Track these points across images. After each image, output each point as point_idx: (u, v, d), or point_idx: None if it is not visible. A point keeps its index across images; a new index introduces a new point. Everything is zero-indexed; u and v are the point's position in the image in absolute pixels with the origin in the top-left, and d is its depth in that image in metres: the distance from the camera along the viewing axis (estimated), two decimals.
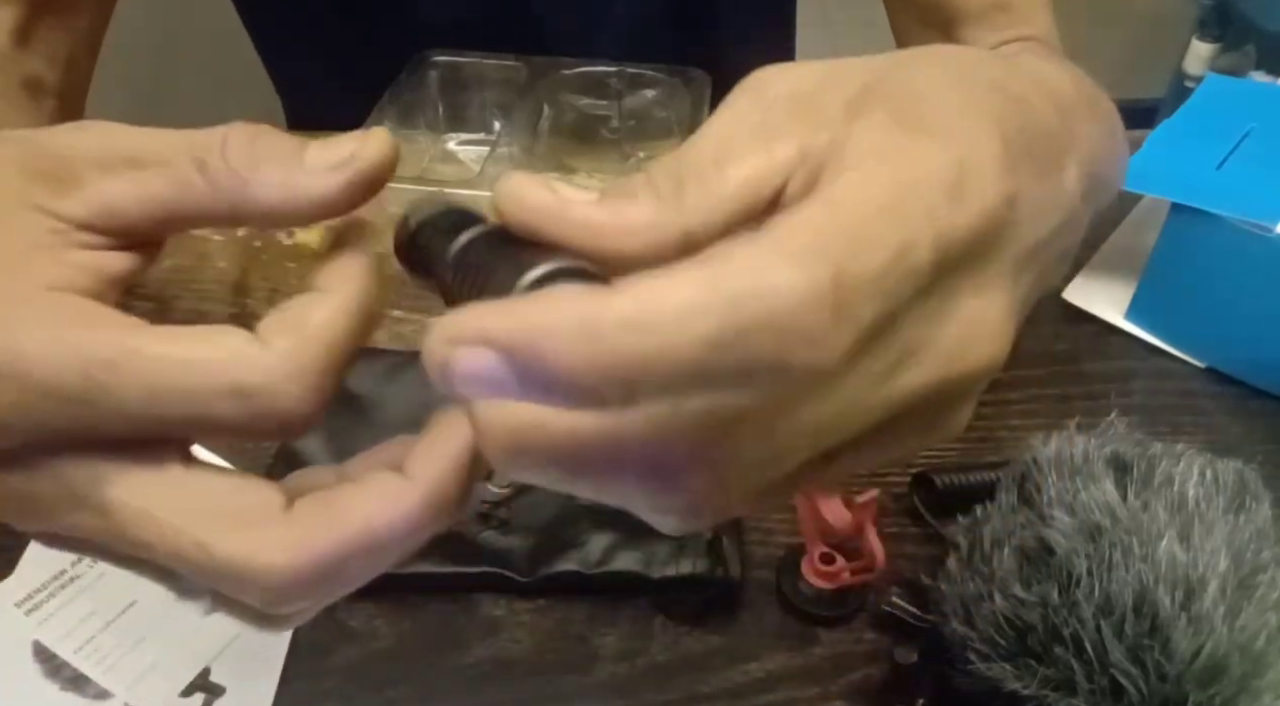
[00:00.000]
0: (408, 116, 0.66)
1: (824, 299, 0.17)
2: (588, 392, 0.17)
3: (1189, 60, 1.75)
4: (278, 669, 0.42)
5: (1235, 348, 0.56)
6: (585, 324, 0.17)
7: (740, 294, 0.17)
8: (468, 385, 0.18)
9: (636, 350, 0.17)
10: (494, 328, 0.17)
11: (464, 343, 0.17)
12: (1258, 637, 0.35)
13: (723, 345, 0.17)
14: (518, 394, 0.18)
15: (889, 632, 0.44)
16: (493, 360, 0.17)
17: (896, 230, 0.19)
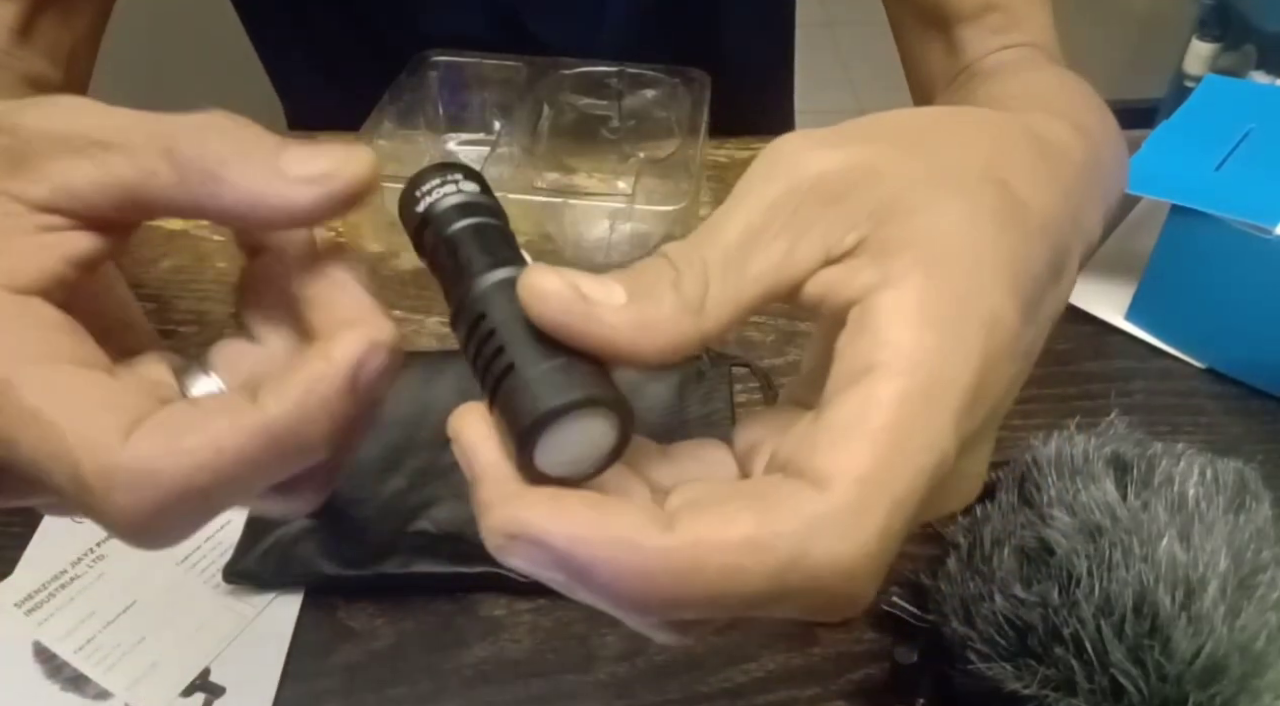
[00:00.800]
0: (408, 116, 0.66)
1: (870, 567, 0.19)
2: (625, 605, 0.19)
3: (1189, 60, 1.75)
4: (278, 669, 0.42)
5: (1235, 348, 0.56)
6: (637, 557, 0.19)
7: (789, 557, 0.18)
8: (518, 566, 0.20)
9: (682, 593, 0.19)
10: (551, 533, 0.19)
11: (521, 538, 0.19)
12: (1258, 637, 0.35)
13: (766, 599, 0.19)
14: (563, 588, 0.20)
15: (889, 632, 0.44)
16: (543, 559, 0.19)
17: (930, 456, 0.20)
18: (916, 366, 0.20)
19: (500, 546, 0.20)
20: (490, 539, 0.20)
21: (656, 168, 0.65)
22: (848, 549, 0.19)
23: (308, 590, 0.45)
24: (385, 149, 0.61)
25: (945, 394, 0.20)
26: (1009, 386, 0.22)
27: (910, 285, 0.22)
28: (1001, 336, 0.22)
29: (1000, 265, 0.23)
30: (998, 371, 0.22)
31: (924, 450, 0.20)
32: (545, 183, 0.66)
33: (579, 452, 0.21)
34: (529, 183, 0.60)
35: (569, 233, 0.58)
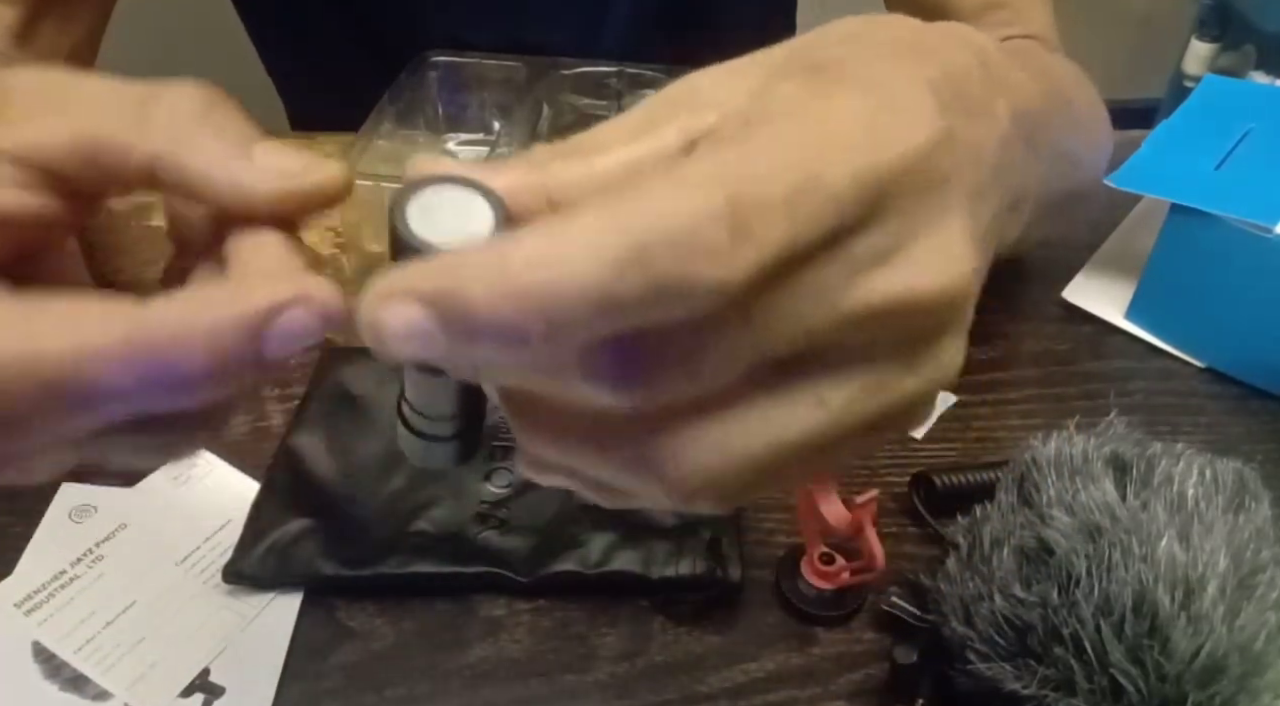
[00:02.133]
0: (408, 116, 0.66)
1: (719, 217, 0.18)
2: (509, 333, 0.17)
3: (1188, 60, 1.75)
4: (278, 669, 0.42)
5: (1235, 348, 0.56)
6: (497, 265, 0.17)
7: (639, 219, 0.17)
8: (400, 343, 0.18)
9: (546, 281, 0.17)
10: (416, 281, 0.18)
11: (391, 298, 0.18)
12: (1257, 637, 0.35)
13: (626, 267, 0.17)
14: (445, 347, 0.18)
15: (889, 632, 0.44)
16: (418, 312, 0.18)
17: (803, 161, 0.19)
18: (797, 115, 0.20)
19: (372, 323, 0.18)
20: (363, 324, 0.18)
21: None
22: (690, 196, 0.18)
23: (307, 590, 0.45)
24: (385, 149, 0.61)
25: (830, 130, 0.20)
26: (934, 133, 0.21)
27: (791, 95, 0.21)
28: (905, 96, 0.21)
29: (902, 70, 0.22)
30: (903, 119, 0.21)
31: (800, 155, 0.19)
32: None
33: (453, 226, 0.21)
34: None
35: None
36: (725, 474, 0.21)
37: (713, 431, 0.20)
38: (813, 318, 0.20)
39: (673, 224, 0.17)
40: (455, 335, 0.18)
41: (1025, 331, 0.59)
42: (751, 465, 0.21)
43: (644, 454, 0.21)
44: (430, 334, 0.18)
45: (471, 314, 0.17)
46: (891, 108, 0.21)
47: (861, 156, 0.20)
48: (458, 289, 0.17)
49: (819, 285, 0.20)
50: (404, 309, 0.18)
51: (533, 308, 0.17)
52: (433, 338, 0.18)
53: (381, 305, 0.18)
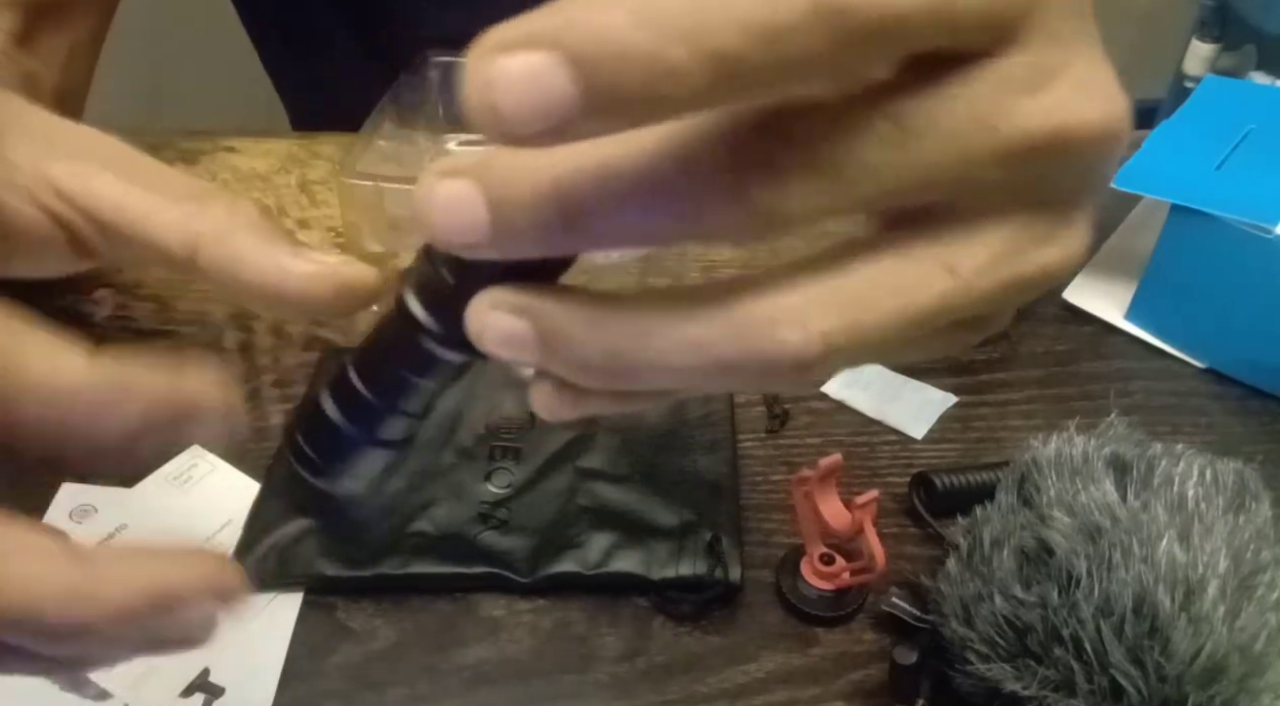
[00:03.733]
0: (408, 116, 0.66)
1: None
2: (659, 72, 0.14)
3: (1188, 61, 1.75)
4: (278, 669, 0.42)
5: (1235, 348, 0.56)
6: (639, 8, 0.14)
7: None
8: (529, 110, 0.14)
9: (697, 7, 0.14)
10: (537, 24, 0.14)
11: (513, 48, 0.14)
12: (1257, 638, 0.35)
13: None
14: (582, 106, 0.14)
15: (889, 633, 0.44)
16: (547, 59, 0.14)
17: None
18: None
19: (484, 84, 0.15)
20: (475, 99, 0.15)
21: None
22: None
23: (307, 590, 0.45)
24: (385, 149, 0.61)
25: None
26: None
27: None
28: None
29: None
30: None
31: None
32: None
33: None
34: None
35: None
36: (851, 337, 0.18)
37: (840, 287, 0.18)
38: (968, 140, 0.17)
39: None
40: (595, 97, 0.14)
41: (1025, 332, 0.59)
42: (878, 329, 0.19)
43: (761, 313, 0.18)
44: (562, 100, 0.14)
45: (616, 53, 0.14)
46: None
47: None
48: (596, 21, 0.14)
49: (974, 99, 0.17)
50: (530, 61, 0.14)
51: (687, 38, 0.14)
52: (564, 106, 0.14)
53: (499, 56, 0.14)
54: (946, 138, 0.17)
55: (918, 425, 0.53)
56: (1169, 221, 0.55)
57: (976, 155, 0.18)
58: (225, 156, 0.71)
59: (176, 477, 0.49)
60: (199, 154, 0.71)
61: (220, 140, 0.72)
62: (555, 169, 0.17)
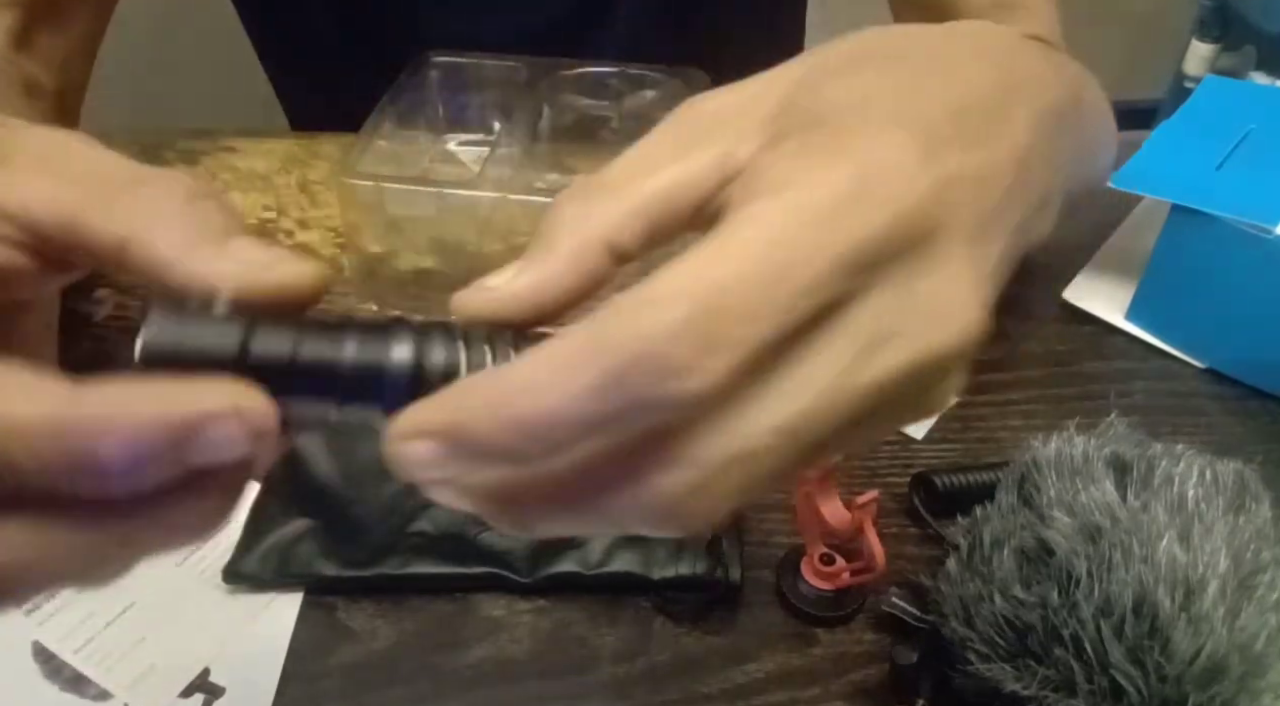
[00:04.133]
0: (408, 116, 0.65)
1: (683, 334, 0.19)
2: (512, 454, 0.20)
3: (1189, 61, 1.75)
4: (278, 669, 0.42)
5: (1235, 348, 0.56)
6: (493, 398, 0.19)
7: (614, 342, 0.19)
8: (421, 470, 0.20)
9: (535, 409, 0.19)
10: (425, 421, 0.20)
11: (406, 438, 0.20)
12: (1257, 638, 0.35)
13: (605, 389, 0.19)
14: (460, 469, 0.20)
15: (889, 633, 0.44)
16: (430, 447, 0.20)
17: (781, 250, 0.20)
18: (780, 193, 0.21)
19: (394, 458, 0.20)
20: (387, 457, 0.21)
21: None
22: (656, 317, 0.19)
23: (307, 590, 0.45)
24: (385, 149, 0.61)
25: (811, 210, 0.21)
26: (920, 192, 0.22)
27: (786, 160, 0.22)
28: (890, 156, 0.22)
29: (898, 116, 0.23)
30: (888, 182, 0.22)
31: (775, 249, 0.20)
32: (545, 183, 0.66)
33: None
34: (529, 183, 0.60)
35: None
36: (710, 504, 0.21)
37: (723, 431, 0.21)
38: (829, 387, 0.21)
39: (642, 347, 0.19)
40: (465, 461, 0.20)
41: (1025, 332, 0.59)
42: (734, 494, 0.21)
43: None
44: (445, 461, 0.20)
45: (475, 443, 0.20)
46: (873, 174, 0.22)
47: (843, 235, 0.21)
48: (461, 425, 0.20)
49: (828, 360, 0.21)
50: (418, 446, 0.20)
51: (527, 433, 0.19)
52: (446, 465, 0.20)
53: (402, 443, 0.20)
54: (810, 402, 0.21)
55: (918, 425, 0.53)
56: (1169, 221, 0.55)
57: (841, 406, 0.21)
58: (225, 156, 0.71)
59: None
60: (199, 154, 0.71)
61: (220, 140, 0.72)
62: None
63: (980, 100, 0.26)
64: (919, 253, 0.22)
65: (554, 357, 0.19)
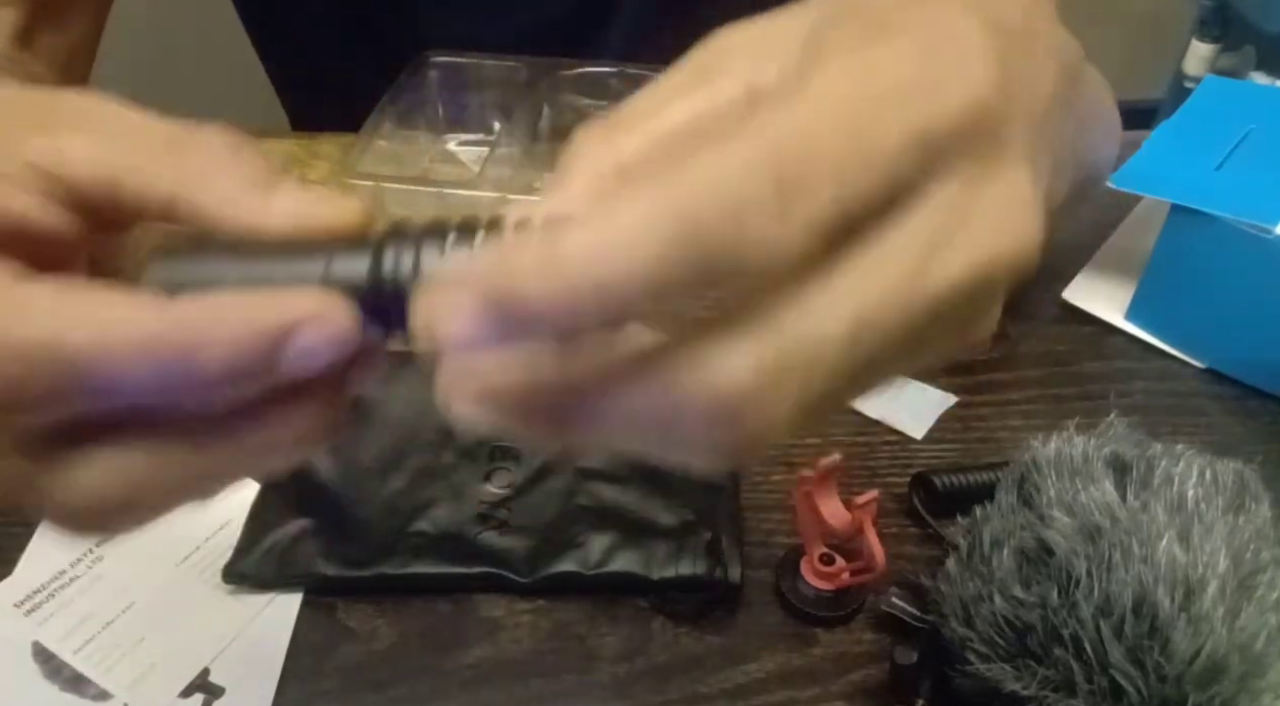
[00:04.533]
0: (408, 116, 0.66)
1: (766, 180, 0.17)
2: (566, 323, 0.17)
3: (1188, 61, 1.75)
4: (278, 669, 0.42)
5: (1235, 348, 0.56)
6: (548, 257, 0.17)
7: (687, 191, 0.17)
8: (456, 342, 0.17)
9: (599, 269, 0.17)
10: (470, 278, 0.17)
11: (445, 298, 0.17)
12: (1257, 638, 0.35)
13: (678, 244, 0.17)
14: (504, 341, 0.18)
15: (889, 633, 0.44)
16: (473, 311, 0.17)
17: (853, 119, 0.18)
18: (845, 72, 0.19)
19: (426, 323, 0.18)
20: (417, 321, 0.18)
21: None
22: (742, 168, 0.17)
23: (307, 590, 0.45)
24: (385, 149, 0.61)
25: (881, 84, 0.19)
26: (992, 81, 0.20)
27: (843, 34, 0.21)
28: (958, 41, 0.20)
29: (950, 10, 0.21)
30: (960, 64, 0.20)
31: (846, 116, 0.18)
32: (545, 183, 0.66)
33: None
34: (529, 183, 0.60)
35: None
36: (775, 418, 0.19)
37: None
38: (900, 295, 0.19)
39: (720, 192, 0.17)
40: (512, 330, 0.17)
41: (1025, 332, 0.59)
42: (801, 412, 0.19)
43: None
44: (487, 332, 0.17)
45: (527, 308, 0.17)
46: (945, 55, 0.20)
47: (914, 113, 0.19)
48: (512, 285, 0.17)
49: (899, 251, 0.19)
50: (460, 308, 0.17)
51: (588, 297, 0.17)
52: (489, 335, 0.17)
53: (436, 304, 0.18)
54: (880, 296, 0.19)
55: (918, 425, 0.53)
56: (1169, 221, 0.55)
57: (909, 307, 0.19)
58: None
59: None
60: None
61: None
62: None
63: (1024, 21, 0.24)
64: (986, 150, 0.20)
65: (617, 211, 0.17)
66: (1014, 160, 0.21)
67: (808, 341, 0.18)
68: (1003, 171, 0.20)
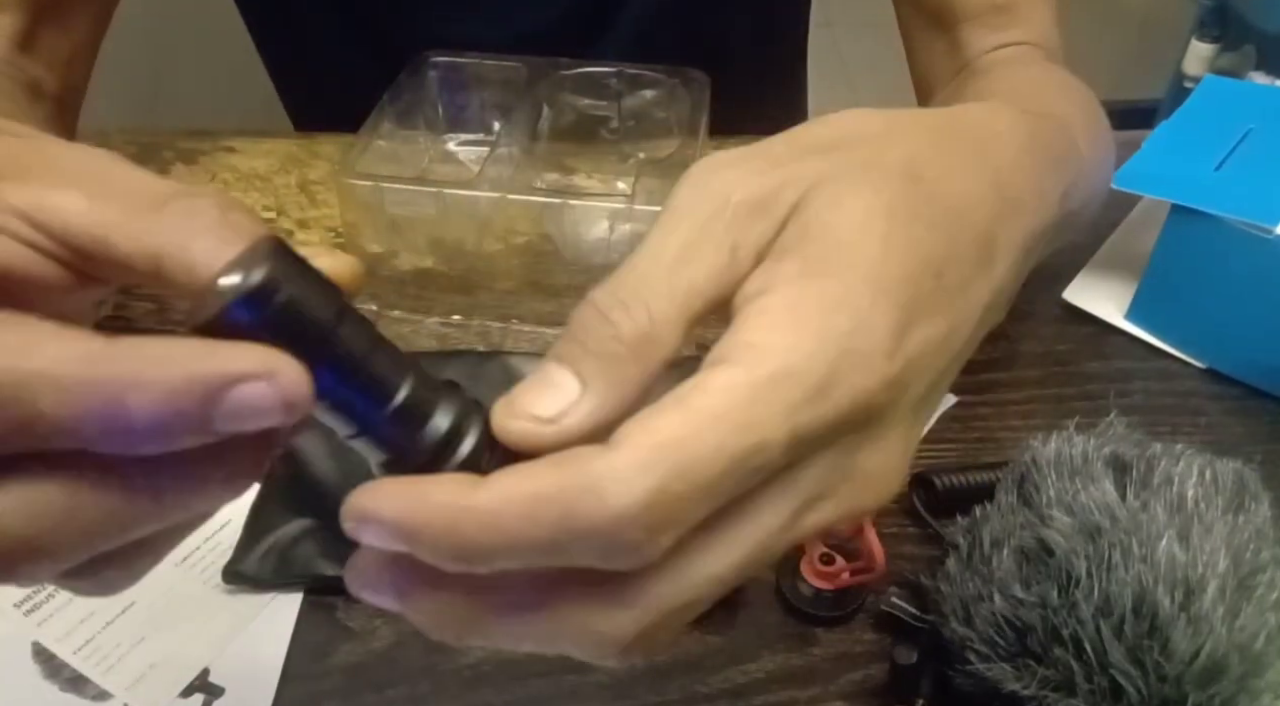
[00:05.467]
0: (408, 116, 0.66)
1: (643, 518, 0.20)
2: (456, 563, 0.21)
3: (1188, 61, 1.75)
4: (278, 669, 0.42)
5: (1235, 348, 0.56)
6: (450, 520, 0.21)
7: (572, 508, 0.20)
8: (375, 543, 0.22)
9: (486, 543, 0.20)
10: (384, 512, 0.22)
11: (362, 520, 0.22)
12: (1257, 638, 0.35)
13: (554, 548, 0.20)
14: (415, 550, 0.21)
15: (889, 633, 0.44)
16: (384, 537, 0.22)
17: (741, 437, 0.21)
18: (757, 361, 0.22)
19: (351, 530, 0.22)
20: (345, 525, 0.22)
21: (656, 168, 0.65)
22: (616, 500, 0.20)
23: (307, 590, 0.45)
24: (385, 149, 0.61)
25: (780, 387, 0.22)
26: (885, 380, 0.23)
27: (781, 291, 0.23)
28: (865, 338, 0.23)
29: (888, 264, 0.24)
30: (857, 367, 0.23)
31: (736, 430, 0.21)
32: (545, 183, 0.66)
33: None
34: (529, 183, 0.60)
35: (568, 233, 0.58)
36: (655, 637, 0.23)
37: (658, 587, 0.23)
38: (765, 540, 0.23)
39: (595, 521, 0.20)
40: (417, 549, 0.21)
41: (1025, 332, 0.59)
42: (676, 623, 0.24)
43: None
44: (390, 543, 0.22)
45: (424, 550, 0.21)
46: (851, 355, 0.23)
47: (806, 416, 0.22)
48: (415, 532, 0.21)
49: (768, 519, 0.23)
50: (371, 531, 0.22)
51: (474, 557, 0.21)
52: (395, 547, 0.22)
53: (355, 522, 0.22)
54: (750, 553, 0.23)
55: None
56: (1169, 221, 0.55)
57: (776, 551, 0.23)
58: (225, 156, 0.71)
59: None
60: (199, 154, 0.71)
61: (220, 140, 0.72)
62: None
63: (972, 241, 0.27)
64: (866, 430, 0.24)
65: (519, 491, 0.21)
66: (893, 432, 0.24)
67: (681, 601, 0.23)
68: (878, 444, 0.24)
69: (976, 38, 0.59)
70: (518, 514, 0.20)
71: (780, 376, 0.22)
